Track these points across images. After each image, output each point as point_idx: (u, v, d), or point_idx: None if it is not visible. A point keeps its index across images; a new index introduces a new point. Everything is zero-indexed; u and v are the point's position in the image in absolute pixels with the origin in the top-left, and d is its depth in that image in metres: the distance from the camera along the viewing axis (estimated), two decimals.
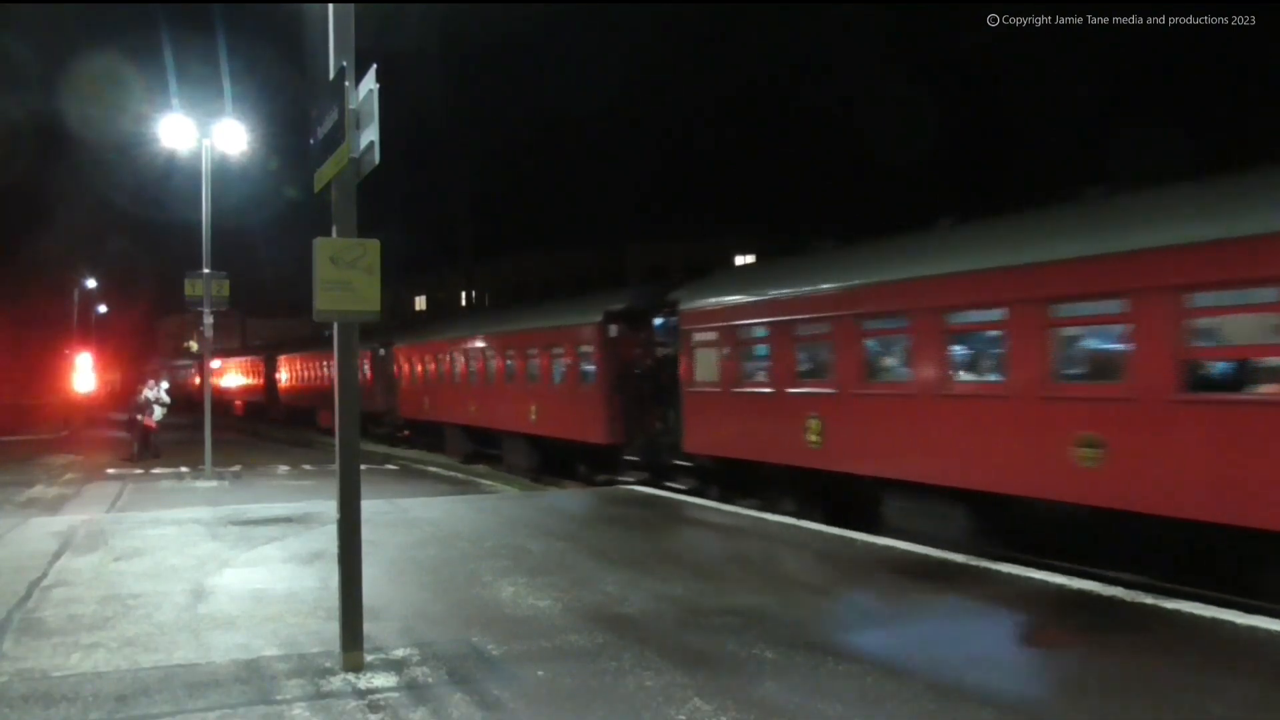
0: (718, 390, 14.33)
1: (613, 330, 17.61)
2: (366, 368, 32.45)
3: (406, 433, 30.30)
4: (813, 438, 12.24)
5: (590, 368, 18.16)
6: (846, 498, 12.18)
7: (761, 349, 13.77)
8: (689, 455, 15.20)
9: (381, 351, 31.56)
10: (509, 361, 21.82)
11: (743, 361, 14.02)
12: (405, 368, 29.59)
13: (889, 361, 11.79)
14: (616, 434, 17.32)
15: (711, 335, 14.59)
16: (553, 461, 20.20)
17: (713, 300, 14.84)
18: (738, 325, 14.05)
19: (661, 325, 16.85)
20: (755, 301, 13.81)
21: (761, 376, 13.59)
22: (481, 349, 23.50)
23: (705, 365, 14.77)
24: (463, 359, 24.67)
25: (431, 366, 27.12)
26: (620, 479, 17.07)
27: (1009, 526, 10.20)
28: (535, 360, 20.41)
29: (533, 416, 20.24)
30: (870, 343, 11.89)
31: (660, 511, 13.21)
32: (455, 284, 57.91)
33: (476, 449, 24.65)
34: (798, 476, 12.87)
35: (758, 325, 13.74)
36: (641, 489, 15.59)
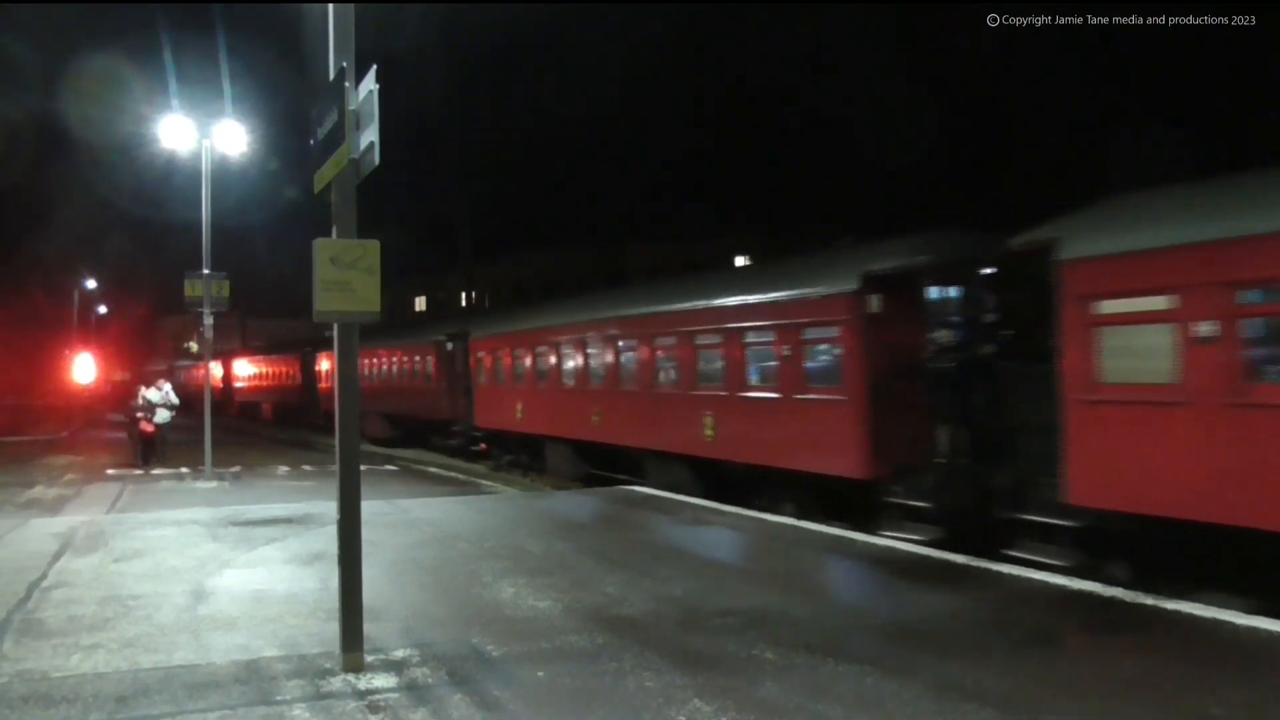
0: (1167, 401, 8.45)
1: (874, 303, 11.71)
2: (430, 365, 27.85)
3: (483, 446, 24.49)
4: None
5: (829, 361, 12.46)
6: None
7: None
8: (1069, 509, 9.24)
9: (450, 346, 26.08)
10: (665, 354, 16.04)
11: (1250, 347, 8.13)
12: (487, 364, 23.56)
13: None
14: (882, 463, 11.50)
15: (1159, 301, 8.67)
16: (740, 500, 13.83)
17: (1167, 235, 8.58)
18: (1252, 279, 7.95)
19: (939, 296, 11.85)
20: None
21: None
22: (615, 338, 17.50)
23: (1135, 355, 9.04)
24: (580, 352, 18.83)
25: (528, 363, 21.18)
26: (887, 534, 11.03)
27: None
28: (717, 351, 14.61)
29: (708, 432, 14.58)
30: None
31: (659, 512, 13.20)
32: (455, 284, 57.96)
33: (594, 472, 18.84)
34: None
35: None
36: (641, 489, 15.50)
